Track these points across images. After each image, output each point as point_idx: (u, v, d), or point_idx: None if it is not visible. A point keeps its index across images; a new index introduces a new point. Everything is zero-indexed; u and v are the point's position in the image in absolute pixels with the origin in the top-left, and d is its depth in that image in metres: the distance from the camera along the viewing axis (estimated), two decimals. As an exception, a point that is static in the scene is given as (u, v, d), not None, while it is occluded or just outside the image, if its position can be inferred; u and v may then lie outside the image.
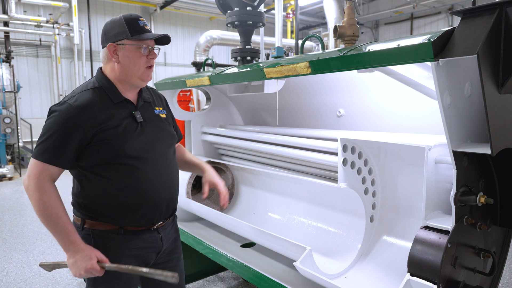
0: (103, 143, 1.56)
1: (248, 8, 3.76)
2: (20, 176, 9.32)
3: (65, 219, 1.53)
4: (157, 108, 1.81)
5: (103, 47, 1.66)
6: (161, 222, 1.77)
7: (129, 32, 1.59)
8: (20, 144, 10.38)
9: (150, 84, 1.94)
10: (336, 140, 2.09)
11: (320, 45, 3.28)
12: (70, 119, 1.52)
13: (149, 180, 1.66)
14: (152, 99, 1.82)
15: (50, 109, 1.59)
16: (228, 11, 3.88)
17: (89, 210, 1.65)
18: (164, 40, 1.67)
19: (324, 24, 13.91)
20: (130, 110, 1.67)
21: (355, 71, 1.78)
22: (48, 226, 1.53)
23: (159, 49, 1.70)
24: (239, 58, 3.99)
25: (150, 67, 1.67)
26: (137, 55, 1.61)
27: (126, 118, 1.64)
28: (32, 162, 1.54)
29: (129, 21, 1.61)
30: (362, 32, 15.45)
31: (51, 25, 11.07)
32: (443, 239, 1.46)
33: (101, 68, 1.71)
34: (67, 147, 1.52)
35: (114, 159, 1.59)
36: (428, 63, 1.33)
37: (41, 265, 1.74)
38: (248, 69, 2.22)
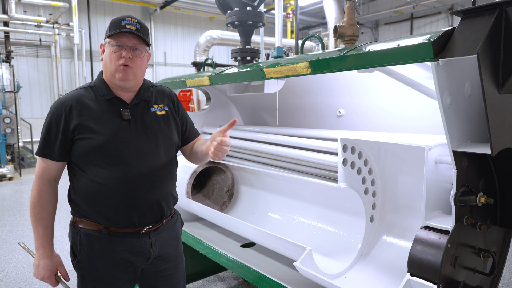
0: (84, 138, 1.59)
1: (248, 8, 3.77)
2: (20, 176, 9.32)
3: (47, 222, 1.63)
4: (155, 106, 1.76)
5: None
6: (151, 226, 1.70)
7: (109, 31, 1.62)
8: (20, 144, 10.37)
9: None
10: (336, 140, 2.09)
11: (320, 45, 3.28)
12: (56, 114, 1.62)
13: (129, 180, 1.62)
14: (152, 98, 1.77)
15: None
16: (228, 11, 3.89)
17: (77, 206, 1.67)
18: (139, 35, 1.61)
19: (324, 24, 13.91)
20: (118, 108, 1.66)
21: (355, 71, 1.78)
22: (32, 223, 1.64)
23: (146, 49, 1.66)
24: (239, 58, 4.00)
25: (126, 65, 1.60)
26: (109, 52, 1.63)
27: (111, 116, 1.64)
28: (37, 160, 1.66)
29: (113, 21, 1.64)
30: (362, 32, 15.45)
31: (51, 25, 11.07)
32: (443, 239, 1.46)
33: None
34: (55, 139, 1.60)
35: (96, 155, 1.59)
36: (428, 63, 1.33)
37: (20, 244, 1.90)
38: (248, 69, 2.22)
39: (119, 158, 1.61)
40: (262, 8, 6.56)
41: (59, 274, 1.67)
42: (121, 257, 1.66)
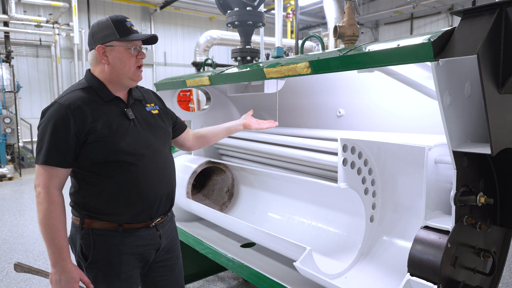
0: (98, 141, 1.57)
1: (248, 8, 3.77)
2: (20, 176, 9.32)
3: (63, 234, 1.56)
4: (148, 105, 1.81)
5: (90, 50, 1.68)
6: (159, 219, 1.77)
7: (117, 33, 1.60)
8: (20, 144, 10.38)
9: (150, 84, 1.95)
10: (336, 140, 2.09)
11: (320, 45, 3.28)
12: (61, 118, 1.53)
13: (145, 176, 1.67)
14: (142, 97, 1.82)
15: (42, 112, 1.60)
16: (228, 11, 3.88)
17: (87, 209, 1.65)
18: (151, 40, 1.70)
19: (324, 24, 13.91)
20: (121, 108, 1.68)
21: (355, 71, 1.78)
22: (46, 237, 1.54)
23: (147, 49, 1.73)
24: (239, 58, 3.99)
25: (140, 66, 1.69)
26: (126, 56, 1.63)
27: (118, 116, 1.65)
28: (39, 169, 1.55)
29: (116, 23, 1.62)
30: (362, 32, 15.45)
31: (51, 25, 11.07)
32: (443, 239, 1.46)
33: (89, 70, 1.72)
34: (67, 145, 1.54)
35: (110, 157, 1.59)
36: (428, 63, 1.33)
37: (17, 265, 1.74)
38: (248, 69, 2.22)
39: (133, 157, 1.63)
40: (262, 8, 6.56)
41: (80, 284, 1.63)
42: (135, 252, 1.70)
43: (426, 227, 1.55)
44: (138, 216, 1.69)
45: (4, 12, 10.73)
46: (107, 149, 1.58)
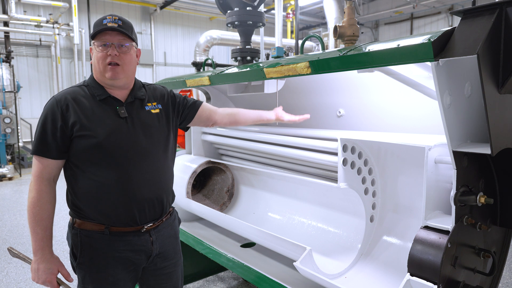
0: (83, 136, 1.58)
1: (248, 8, 3.76)
2: (20, 176, 9.32)
3: (46, 223, 1.58)
4: (149, 104, 1.77)
5: None
6: (151, 224, 1.72)
7: (93, 32, 1.62)
8: (20, 144, 10.38)
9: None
10: (336, 140, 2.09)
11: (320, 45, 3.28)
12: (51, 111, 1.59)
13: (129, 178, 1.63)
14: (145, 96, 1.78)
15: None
16: (228, 11, 3.88)
17: (76, 208, 1.65)
18: (123, 30, 1.61)
19: (324, 24, 13.92)
20: (114, 107, 1.67)
21: (355, 71, 1.78)
22: (30, 224, 1.58)
23: (133, 45, 1.66)
24: (239, 58, 3.99)
25: (114, 64, 1.61)
26: (96, 54, 1.63)
27: (108, 114, 1.64)
28: (33, 160, 1.62)
29: (95, 23, 1.64)
30: (362, 32, 15.44)
31: (51, 25, 11.08)
32: (443, 239, 1.46)
33: None
34: (53, 137, 1.57)
35: (94, 154, 1.59)
36: (428, 63, 1.33)
37: (9, 249, 1.81)
38: (248, 69, 2.22)
39: (118, 155, 1.61)
40: (262, 8, 6.56)
41: (59, 276, 1.64)
42: (123, 256, 1.66)
43: (426, 227, 1.55)
44: (122, 220, 1.64)
45: (4, 12, 10.73)
46: (90, 145, 1.58)
